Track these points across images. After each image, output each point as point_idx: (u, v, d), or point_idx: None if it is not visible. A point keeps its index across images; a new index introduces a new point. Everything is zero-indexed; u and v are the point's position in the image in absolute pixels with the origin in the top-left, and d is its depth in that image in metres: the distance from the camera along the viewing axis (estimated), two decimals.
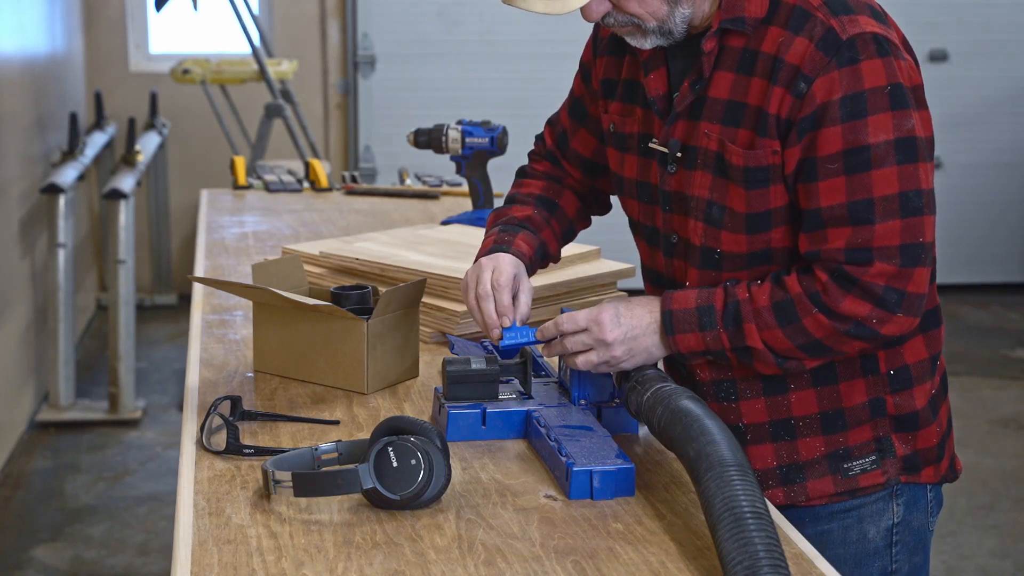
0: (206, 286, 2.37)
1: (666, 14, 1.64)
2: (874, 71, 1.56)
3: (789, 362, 1.63)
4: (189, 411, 1.79)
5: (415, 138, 2.78)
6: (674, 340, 1.65)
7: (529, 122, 6.50)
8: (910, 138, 1.57)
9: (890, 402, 1.71)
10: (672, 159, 1.71)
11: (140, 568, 3.74)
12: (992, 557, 3.81)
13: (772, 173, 1.62)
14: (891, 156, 1.55)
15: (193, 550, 1.37)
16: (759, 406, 1.72)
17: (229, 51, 6.47)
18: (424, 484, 1.45)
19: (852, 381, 1.70)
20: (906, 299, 1.57)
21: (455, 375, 1.71)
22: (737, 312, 1.62)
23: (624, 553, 1.39)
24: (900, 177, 1.56)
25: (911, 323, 1.60)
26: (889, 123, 1.56)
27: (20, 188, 4.82)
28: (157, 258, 6.54)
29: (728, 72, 1.65)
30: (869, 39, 1.57)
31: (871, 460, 1.72)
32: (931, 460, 1.76)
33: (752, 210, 1.65)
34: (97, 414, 4.84)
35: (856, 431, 1.71)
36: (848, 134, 1.56)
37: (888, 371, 1.71)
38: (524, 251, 1.83)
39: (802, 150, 1.59)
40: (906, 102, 1.57)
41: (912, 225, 1.56)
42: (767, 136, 1.61)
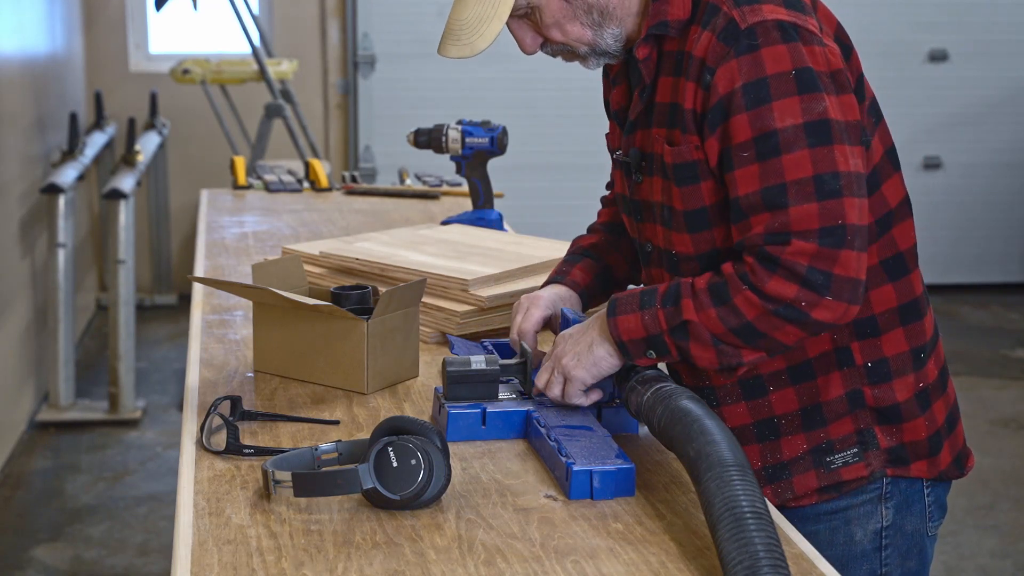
0: (206, 286, 2.37)
1: (591, 38, 1.70)
2: (776, 56, 1.56)
3: (724, 347, 1.59)
4: (189, 411, 1.79)
5: (415, 138, 2.78)
6: (614, 323, 1.63)
7: (529, 122, 6.55)
8: (823, 121, 1.55)
9: (868, 394, 1.71)
10: (636, 168, 1.75)
11: (140, 568, 3.74)
12: (992, 557, 3.81)
13: (699, 169, 1.64)
14: (801, 139, 1.54)
15: (193, 550, 1.37)
16: (741, 409, 1.73)
17: (229, 51, 6.47)
18: (424, 484, 1.45)
19: (828, 375, 1.70)
20: (834, 281, 1.54)
21: (455, 375, 1.71)
22: (677, 292, 1.61)
23: (624, 553, 1.39)
24: (813, 160, 1.54)
25: (846, 309, 1.56)
26: (797, 106, 1.55)
27: (20, 188, 4.82)
28: (157, 258, 6.54)
29: (668, 76, 1.68)
30: (771, 26, 1.57)
31: (853, 453, 1.71)
32: (922, 454, 1.74)
33: (687, 207, 1.67)
34: (97, 414, 4.84)
35: (836, 424, 1.71)
36: (755, 121, 1.56)
37: (865, 363, 1.70)
38: (579, 280, 1.92)
39: (719, 141, 1.60)
40: (816, 86, 1.56)
41: (830, 207, 1.54)
42: (688, 132, 1.63)
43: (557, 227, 6.02)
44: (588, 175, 6.79)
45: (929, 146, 6.67)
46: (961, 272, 6.80)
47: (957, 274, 6.77)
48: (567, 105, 6.59)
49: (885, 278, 1.70)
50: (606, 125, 1.91)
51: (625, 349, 1.64)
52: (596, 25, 1.68)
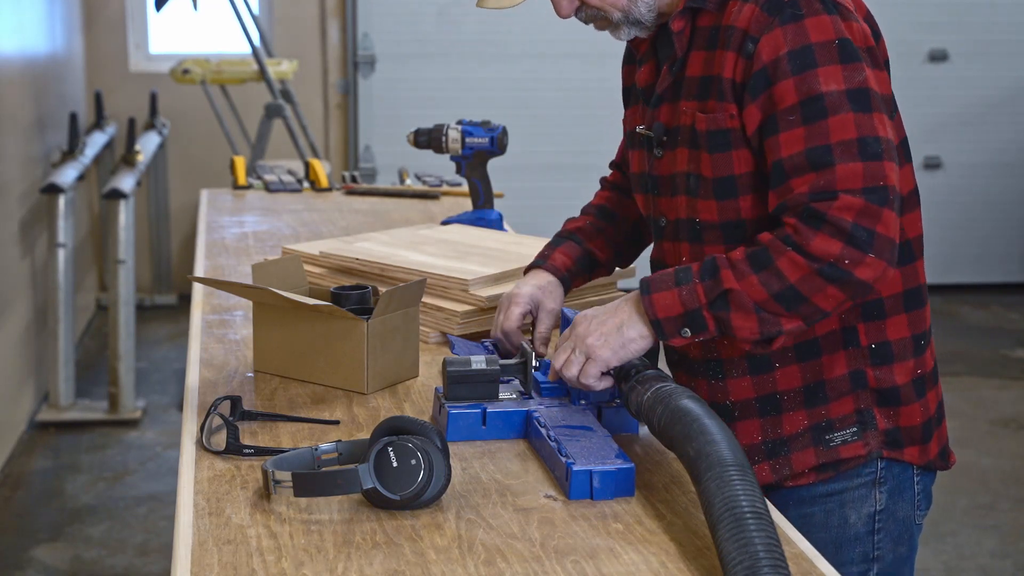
0: (206, 286, 2.37)
1: (626, 4, 1.73)
2: (820, 26, 1.61)
3: (765, 314, 1.60)
4: (189, 411, 1.79)
5: (415, 138, 2.78)
6: (650, 300, 1.64)
7: (529, 122, 6.55)
8: (863, 89, 1.60)
9: (871, 375, 1.74)
10: (658, 142, 1.78)
11: (140, 568, 3.74)
12: (992, 557, 3.81)
13: (732, 137, 1.67)
14: (845, 104, 1.59)
15: (193, 550, 1.37)
16: (745, 384, 1.76)
17: (229, 51, 6.47)
18: (424, 484, 1.45)
19: (834, 354, 1.73)
20: (877, 239, 1.57)
21: (455, 375, 1.71)
22: (714, 266, 1.62)
23: (624, 553, 1.39)
24: (857, 124, 1.58)
25: (884, 269, 1.58)
26: (840, 74, 1.60)
27: (20, 188, 4.82)
28: (157, 258, 6.54)
29: (700, 51, 1.71)
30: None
31: (852, 431, 1.74)
32: (915, 440, 1.77)
33: (717, 174, 1.69)
34: (97, 414, 4.84)
35: (838, 403, 1.74)
36: (801, 85, 1.60)
37: (869, 344, 1.73)
38: (559, 264, 1.98)
39: (761, 109, 1.63)
40: (857, 56, 1.61)
41: (873, 169, 1.57)
42: (724, 100, 1.67)
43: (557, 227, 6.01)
44: (588, 175, 6.78)
45: (929, 146, 6.67)
46: (961, 272, 6.80)
47: (957, 274, 6.77)
48: (567, 105, 6.59)
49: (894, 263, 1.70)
50: (606, 125, 1.94)
51: (660, 328, 1.64)
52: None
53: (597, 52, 6.56)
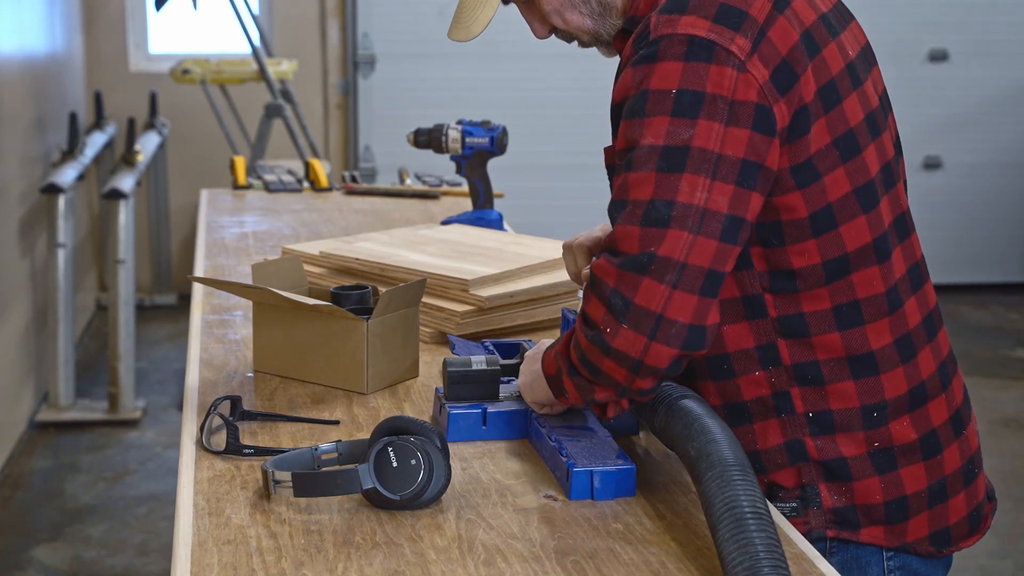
0: (206, 286, 2.37)
1: (592, 27, 1.69)
2: (666, 73, 1.47)
3: (579, 380, 1.53)
4: (189, 411, 1.79)
5: (415, 138, 2.78)
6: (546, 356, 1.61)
7: (529, 122, 6.55)
8: (683, 148, 1.45)
9: (811, 445, 1.58)
10: None
11: (140, 568, 3.74)
12: (992, 557, 3.81)
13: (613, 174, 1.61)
14: (652, 160, 1.45)
15: (193, 550, 1.37)
16: None
17: (229, 51, 6.47)
18: (424, 484, 1.45)
19: (766, 420, 1.59)
20: (632, 310, 1.43)
21: (456, 375, 1.71)
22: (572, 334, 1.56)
23: (624, 553, 1.38)
24: (656, 184, 1.45)
25: (647, 345, 1.44)
26: (663, 127, 1.46)
27: (20, 188, 4.82)
28: (157, 258, 6.54)
29: None
30: (678, 40, 1.47)
31: (792, 507, 1.59)
32: (877, 519, 1.59)
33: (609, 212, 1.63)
34: (97, 414, 4.84)
35: (779, 474, 1.59)
36: (627, 131, 1.50)
37: (806, 412, 1.57)
38: None
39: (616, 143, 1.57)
40: (695, 111, 1.45)
41: (649, 235, 1.43)
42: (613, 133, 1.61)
43: (557, 227, 6.01)
44: (588, 175, 6.79)
45: (929, 146, 6.67)
46: (961, 272, 6.80)
47: (957, 274, 6.77)
48: (567, 105, 6.59)
49: (833, 325, 1.55)
50: (606, 125, 1.91)
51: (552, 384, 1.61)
52: (597, 15, 1.67)
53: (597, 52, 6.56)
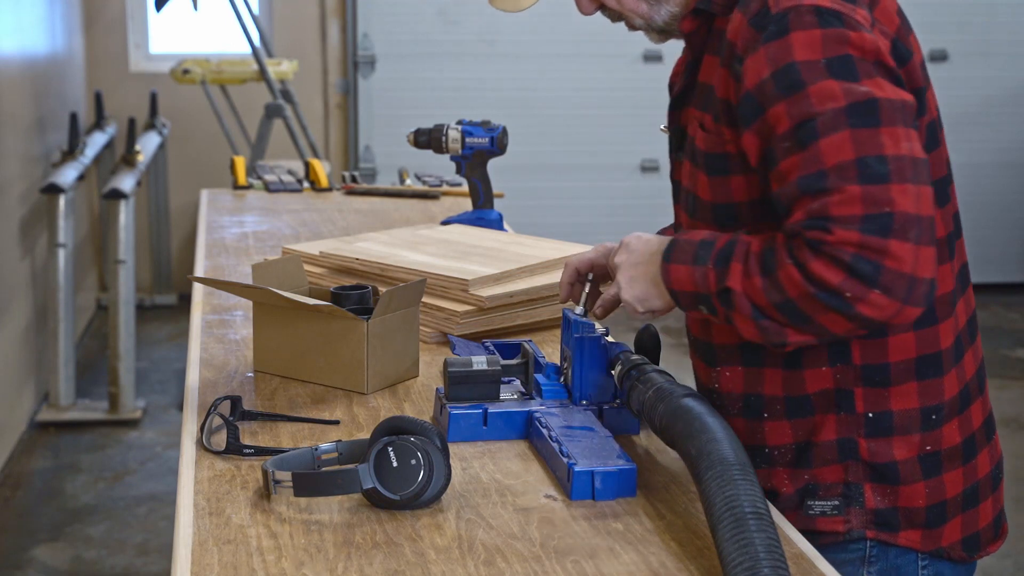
0: (206, 286, 2.37)
1: (646, 12, 1.65)
2: (807, 42, 1.44)
3: (765, 321, 1.45)
4: (189, 411, 1.79)
5: (415, 138, 2.78)
6: (667, 269, 1.53)
7: (529, 122, 6.55)
8: (868, 101, 1.42)
9: (863, 446, 1.58)
10: (677, 147, 1.69)
11: (140, 568, 3.74)
12: (992, 557, 3.80)
13: (729, 163, 1.55)
14: (842, 121, 1.41)
15: (193, 550, 1.37)
16: (739, 424, 1.64)
17: (229, 51, 6.47)
18: (424, 484, 1.45)
19: (825, 415, 1.59)
20: (884, 274, 1.37)
21: (456, 375, 1.71)
22: (730, 251, 1.48)
23: (624, 553, 1.38)
24: (856, 142, 1.40)
25: (899, 309, 1.39)
26: (836, 89, 1.42)
27: (20, 188, 4.82)
28: (157, 258, 6.54)
29: (713, 55, 1.60)
30: (806, 10, 1.45)
31: (833, 504, 1.59)
32: (917, 523, 1.60)
33: (716, 200, 1.58)
34: (97, 414, 4.84)
35: (824, 469, 1.59)
36: (792, 108, 1.43)
37: (866, 413, 1.57)
38: None
39: (758, 136, 1.48)
40: (854, 69, 1.43)
41: (875, 194, 1.38)
42: (719, 122, 1.55)
43: (557, 227, 6.02)
44: (588, 175, 6.80)
45: None
46: None
47: None
48: (567, 105, 6.59)
49: (908, 325, 1.55)
50: (606, 125, 1.91)
51: (676, 298, 1.55)
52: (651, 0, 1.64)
53: (597, 52, 6.57)
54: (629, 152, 6.66)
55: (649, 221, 6.83)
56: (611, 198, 6.69)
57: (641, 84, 6.60)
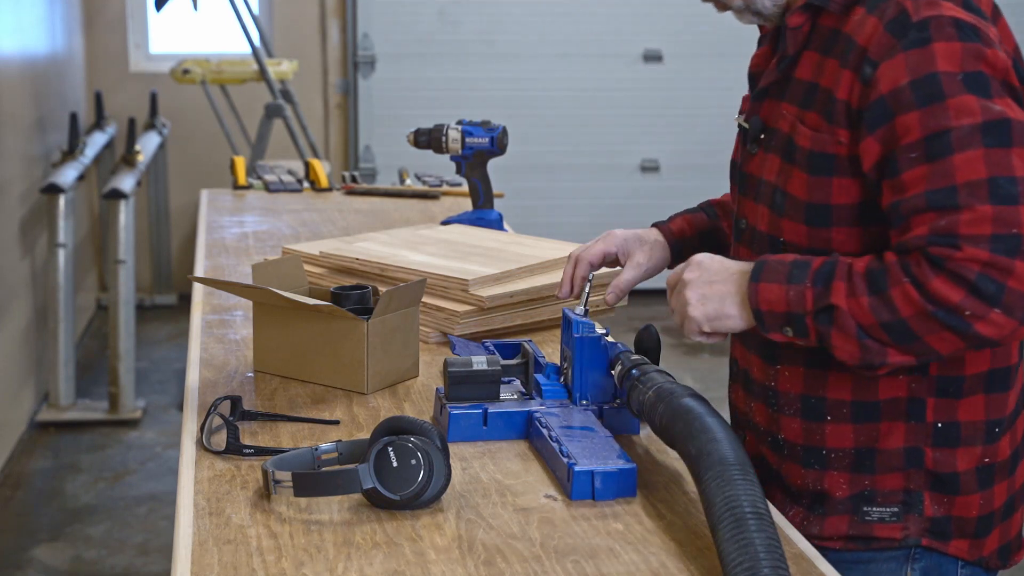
0: (206, 286, 2.37)
1: None
2: (949, 53, 1.44)
3: (869, 341, 1.45)
4: (189, 411, 1.79)
5: (415, 138, 2.78)
6: (755, 288, 1.51)
7: (529, 122, 6.56)
8: (1002, 121, 1.42)
9: (929, 456, 1.59)
10: (753, 138, 1.67)
11: (140, 568, 3.74)
12: None
13: (836, 164, 1.53)
14: (976, 139, 1.41)
15: (193, 550, 1.37)
16: (795, 426, 1.64)
17: (229, 51, 6.47)
18: (424, 484, 1.45)
19: (893, 423, 1.59)
20: (1007, 294, 1.38)
21: (456, 375, 1.71)
22: (831, 271, 1.47)
23: (624, 553, 1.38)
24: (988, 161, 1.40)
25: (1014, 328, 1.40)
26: (974, 105, 1.42)
27: (20, 188, 4.82)
28: (157, 258, 6.55)
29: (815, 53, 1.58)
30: (947, 22, 1.45)
31: (892, 511, 1.61)
32: (967, 533, 1.62)
33: (812, 200, 1.56)
34: (97, 414, 4.84)
35: (885, 476, 1.61)
36: (926, 119, 1.43)
37: (935, 422, 1.58)
38: (675, 229, 1.90)
39: (881, 143, 1.48)
40: (989, 87, 1.44)
41: (1005, 214, 1.39)
42: (834, 123, 1.53)
43: (557, 227, 6.02)
44: (587, 175, 6.80)
45: None
46: None
47: None
48: (567, 105, 6.60)
49: None
50: (606, 125, 1.91)
51: (761, 319, 1.53)
52: None
53: (597, 52, 6.57)
54: (629, 152, 6.66)
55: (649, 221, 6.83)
56: (611, 198, 6.69)
57: (641, 84, 6.60)
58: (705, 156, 6.69)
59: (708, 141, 6.68)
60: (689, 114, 6.67)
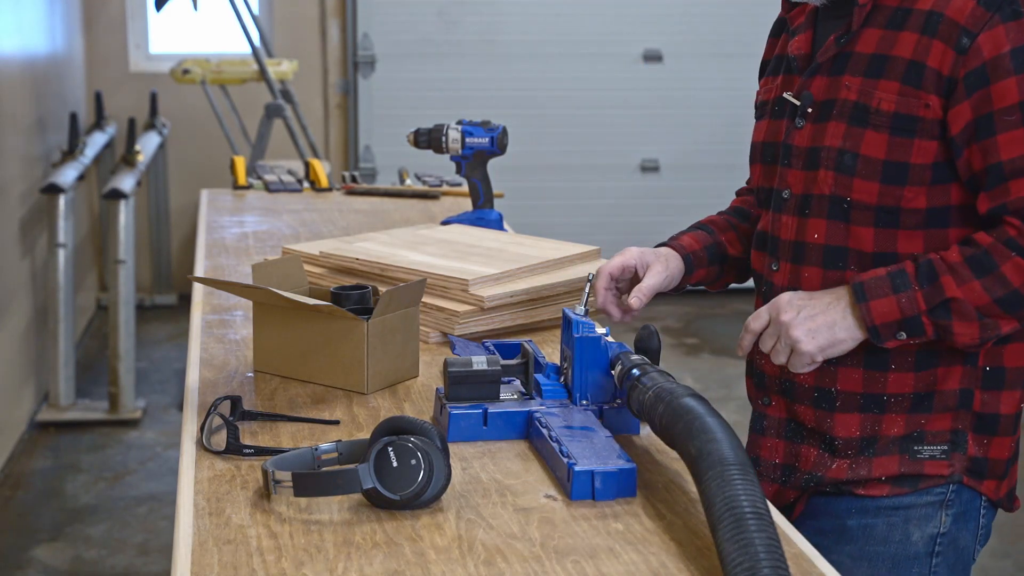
0: (206, 286, 2.37)
1: None
2: None
3: (987, 320, 1.61)
4: (189, 411, 1.79)
5: (415, 138, 2.77)
6: (867, 307, 1.64)
7: (529, 122, 6.56)
8: None
9: (978, 397, 1.72)
10: (802, 112, 1.76)
11: (140, 568, 3.74)
12: (992, 557, 3.81)
13: (920, 126, 1.64)
14: None
15: (193, 550, 1.37)
16: (856, 376, 1.74)
17: (229, 51, 6.47)
18: (424, 484, 1.45)
19: (951, 367, 1.71)
20: None
21: (456, 375, 1.71)
22: (931, 269, 1.62)
23: (624, 553, 1.38)
24: None
25: None
26: None
27: (20, 188, 4.82)
28: (157, 258, 6.55)
29: (877, 29, 1.69)
30: None
31: (942, 449, 1.73)
32: (997, 474, 1.76)
33: (890, 158, 1.66)
34: (97, 414, 4.84)
35: (937, 416, 1.73)
36: None
37: (984, 366, 1.72)
38: (686, 245, 1.97)
39: (972, 108, 1.60)
40: None
41: None
42: (920, 88, 1.63)
43: (557, 227, 6.02)
44: (588, 175, 6.80)
45: None
46: None
47: None
48: (567, 105, 6.60)
49: None
50: (605, 125, 1.92)
51: (876, 333, 1.65)
52: None
53: (597, 52, 6.57)
54: (629, 152, 6.66)
55: (649, 221, 6.85)
56: (611, 198, 6.69)
57: (641, 84, 6.60)
58: (705, 156, 6.69)
59: (708, 141, 6.69)
60: (689, 114, 6.67)
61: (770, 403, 1.86)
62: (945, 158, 1.66)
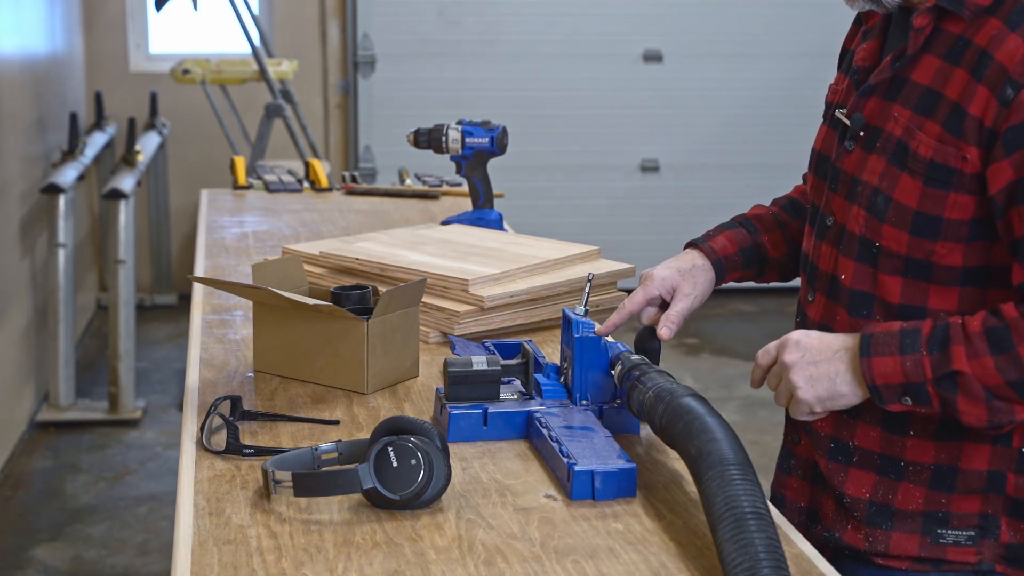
0: (206, 286, 2.37)
1: None
2: None
3: (997, 402, 1.43)
4: (189, 411, 1.79)
5: (415, 138, 2.77)
6: (869, 364, 1.48)
7: (529, 122, 6.56)
8: None
9: (1011, 481, 1.56)
10: (852, 135, 1.60)
11: (140, 568, 3.74)
12: None
13: (956, 179, 1.47)
14: None
15: (193, 550, 1.37)
16: (873, 434, 1.60)
17: (229, 51, 6.47)
18: (424, 484, 1.45)
19: (979, 444, 1.55)
20: None
21: (457, 375, 1.71)
22: (945, 335, 1.44)
23: (624, 553, 1.38)
24: None
25: None
26: None
27: (20, 188, 4.82)
28: (157, 258, 6.54)
29: (936, 58, 1.52)
30: None
31: (968, 535, 1.57)
32: None
33: (923, 209, 1.50)
34: (97, 414, 4.84)
35: (963, 498, 1.57)
36: None
37: (1020, 447, 1.55)
38: (717, 247, 1.82)
39: (1014, 168, 1.42)
40: None
41: None
42: (960, 137, 1.47)
43: (557, 227, 6.01)
44: (588, 175, 6.80)
45: None
46: None
47: None
48: (567, 105, 6.59)
49: None
50: (606, 125, 1.90)
51: (878, 393, 1.49)
52: None
53: (597, 52, 6.57)
54: (629, 152, 6.66)
55: (649, 221, 6.85)
56: (611, 198, 6.69)
57: (641, 84, 6.60)
58: (705, 156, 6.69)
59: (708, 141, 6.68)
60: (689, 114, 6.67)
61: (799, 441, 1.72)
62: (985, 214, 1.47)
